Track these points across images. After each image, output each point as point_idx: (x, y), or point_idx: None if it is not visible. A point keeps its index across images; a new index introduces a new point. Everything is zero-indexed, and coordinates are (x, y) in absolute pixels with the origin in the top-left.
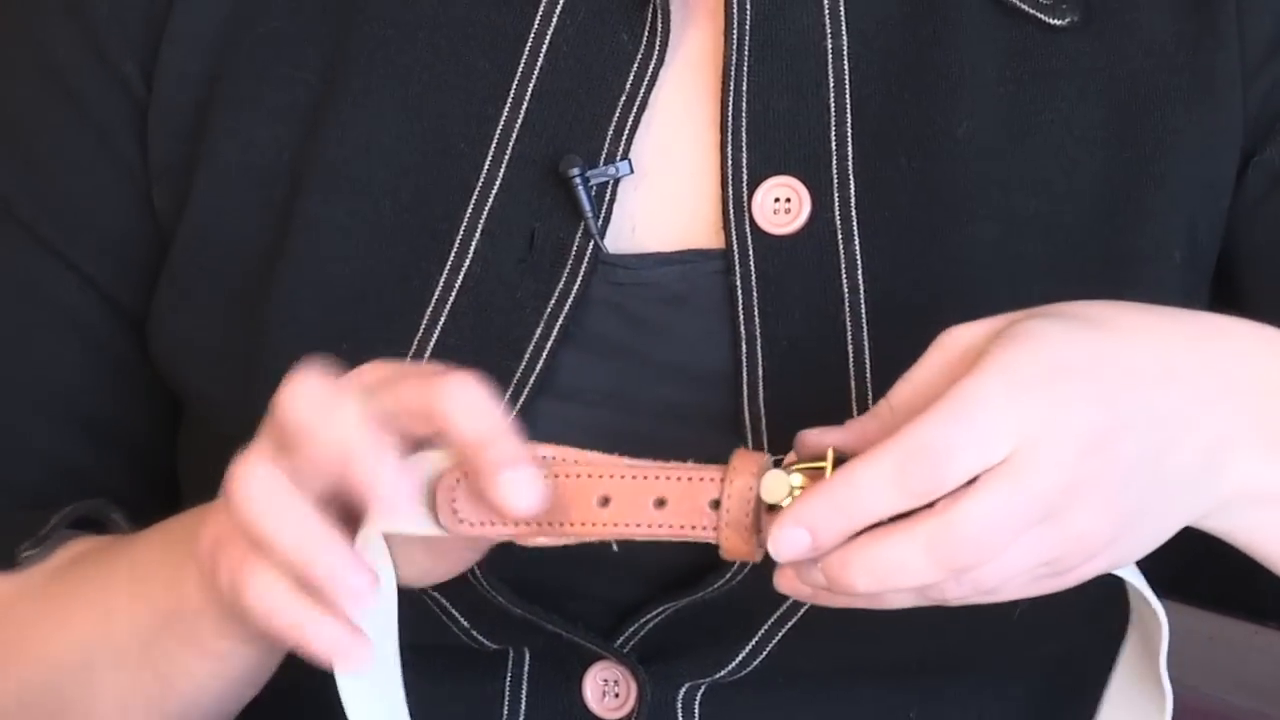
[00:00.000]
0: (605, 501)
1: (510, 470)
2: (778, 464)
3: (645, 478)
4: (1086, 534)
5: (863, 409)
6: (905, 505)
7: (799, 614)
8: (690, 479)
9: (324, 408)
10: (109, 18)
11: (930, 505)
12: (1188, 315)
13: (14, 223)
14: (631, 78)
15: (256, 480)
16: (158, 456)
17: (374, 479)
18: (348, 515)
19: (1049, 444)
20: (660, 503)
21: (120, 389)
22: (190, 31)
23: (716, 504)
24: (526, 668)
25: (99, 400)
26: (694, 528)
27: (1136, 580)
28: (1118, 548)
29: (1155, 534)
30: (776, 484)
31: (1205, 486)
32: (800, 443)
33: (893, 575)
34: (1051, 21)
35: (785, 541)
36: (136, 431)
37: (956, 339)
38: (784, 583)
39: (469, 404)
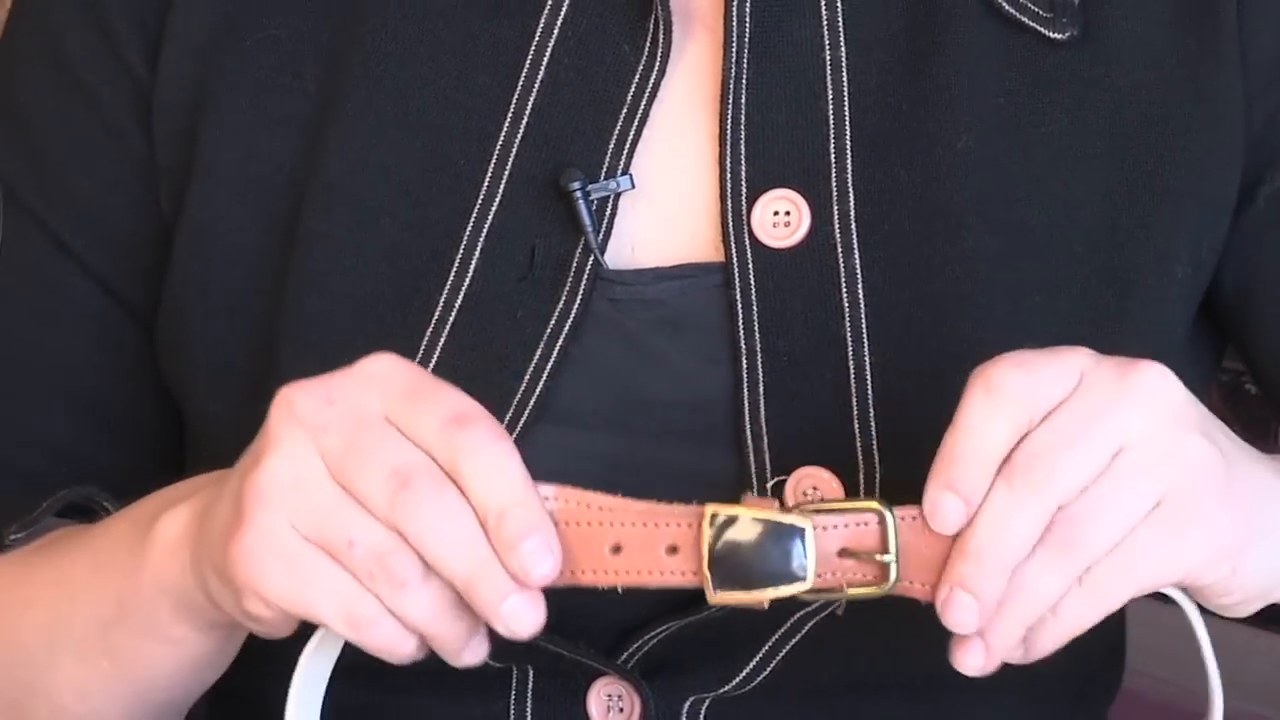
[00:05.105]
0: (617, 549)
1: (528, 541)
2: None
3: (657, 525)
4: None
5: (864, 425)
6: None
7: (805, 629)
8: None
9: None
10: (121, 12)
11: None
12: None
13: (22, 211)
14: (633, 90)
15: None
16: (169, 450)
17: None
18: None
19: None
20: (672, 549)
21: (130, 381)
22: (187, 30)
23: None
24: (530, 685)
25: (109, 391)
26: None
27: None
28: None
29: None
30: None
31: None
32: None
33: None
34: (1051, 35)
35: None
36: (147, 423)
37: None
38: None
39: (495, 466)
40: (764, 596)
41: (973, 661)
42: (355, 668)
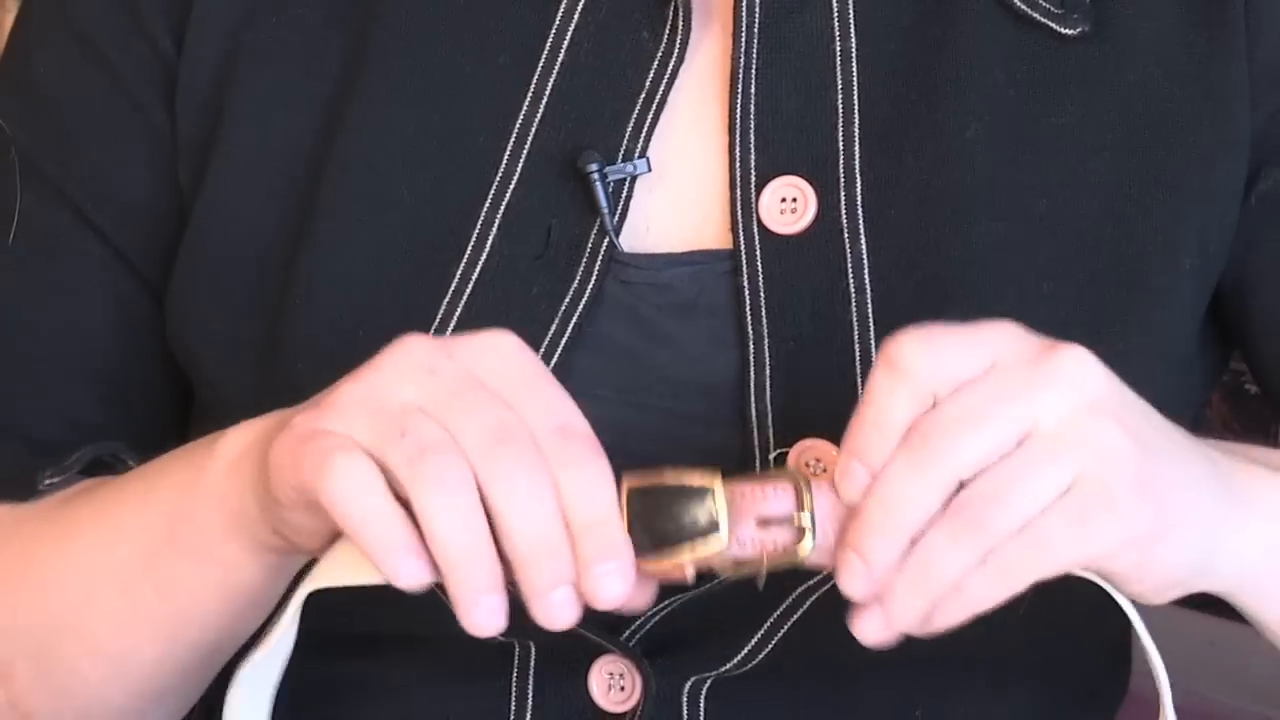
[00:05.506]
0: None
1: (609, 562)
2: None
3: None
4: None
5: None
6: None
7: (804, 608)
8: None
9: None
10: None
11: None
12: (1220, 458)
13: (41, 181)
14: (651, 75)
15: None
16: (177, 424)
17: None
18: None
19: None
20: None
21: (144, 352)
22: (216, 6)
23: None
24: (533, 661)
25: (124, 362)
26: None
27: (1143, 636)
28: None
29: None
30: None
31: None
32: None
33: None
34: (1062, 31)
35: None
36: (159, 395)
37: None
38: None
39: (593, 480)
40: (683, 558)
41: (868, 628)
42: (355, 639)
